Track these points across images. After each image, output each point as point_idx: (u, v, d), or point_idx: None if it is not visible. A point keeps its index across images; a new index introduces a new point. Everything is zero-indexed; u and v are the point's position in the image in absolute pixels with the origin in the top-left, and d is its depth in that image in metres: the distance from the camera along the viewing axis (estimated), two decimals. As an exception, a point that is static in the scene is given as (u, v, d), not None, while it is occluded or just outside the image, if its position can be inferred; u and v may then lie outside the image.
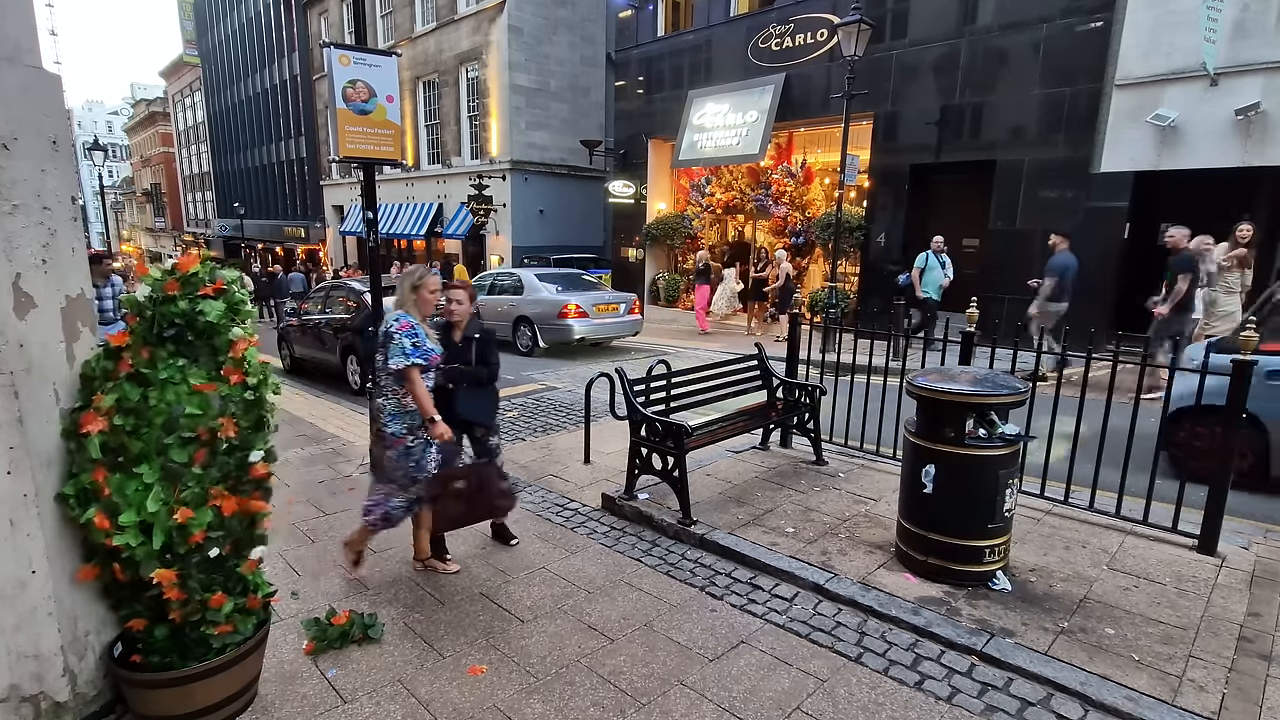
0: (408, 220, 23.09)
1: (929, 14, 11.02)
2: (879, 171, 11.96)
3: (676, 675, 2.85)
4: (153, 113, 52.12)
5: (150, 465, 2.25)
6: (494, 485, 3.50)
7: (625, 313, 11.49)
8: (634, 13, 16.09)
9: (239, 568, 2.47)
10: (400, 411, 3.42)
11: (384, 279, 5.62)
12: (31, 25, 2.29)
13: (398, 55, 5.46)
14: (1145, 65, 8.87)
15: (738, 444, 5.60)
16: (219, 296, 2.40)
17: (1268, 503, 4.60)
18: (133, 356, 2.30)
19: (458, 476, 3.46)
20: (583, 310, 10.70)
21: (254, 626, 2.56)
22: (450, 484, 3.44)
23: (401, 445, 3.43)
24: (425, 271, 3.58)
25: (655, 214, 16.01)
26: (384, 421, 3.45)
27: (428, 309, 3.56)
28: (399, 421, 3.43)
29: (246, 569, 2.51)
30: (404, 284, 3.51)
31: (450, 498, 3.42)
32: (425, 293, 3.50)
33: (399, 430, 3.42)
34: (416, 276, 3.53)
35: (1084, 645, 2.93)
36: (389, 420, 3.43)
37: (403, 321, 3.39)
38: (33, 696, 2.29)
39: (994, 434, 3.32)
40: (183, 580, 2.29)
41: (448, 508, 3.46)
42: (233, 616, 2.44)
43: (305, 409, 7.74)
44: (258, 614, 2.58)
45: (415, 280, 3.51)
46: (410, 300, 3.48)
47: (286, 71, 30.99)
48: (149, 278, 2.38)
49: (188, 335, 2.34)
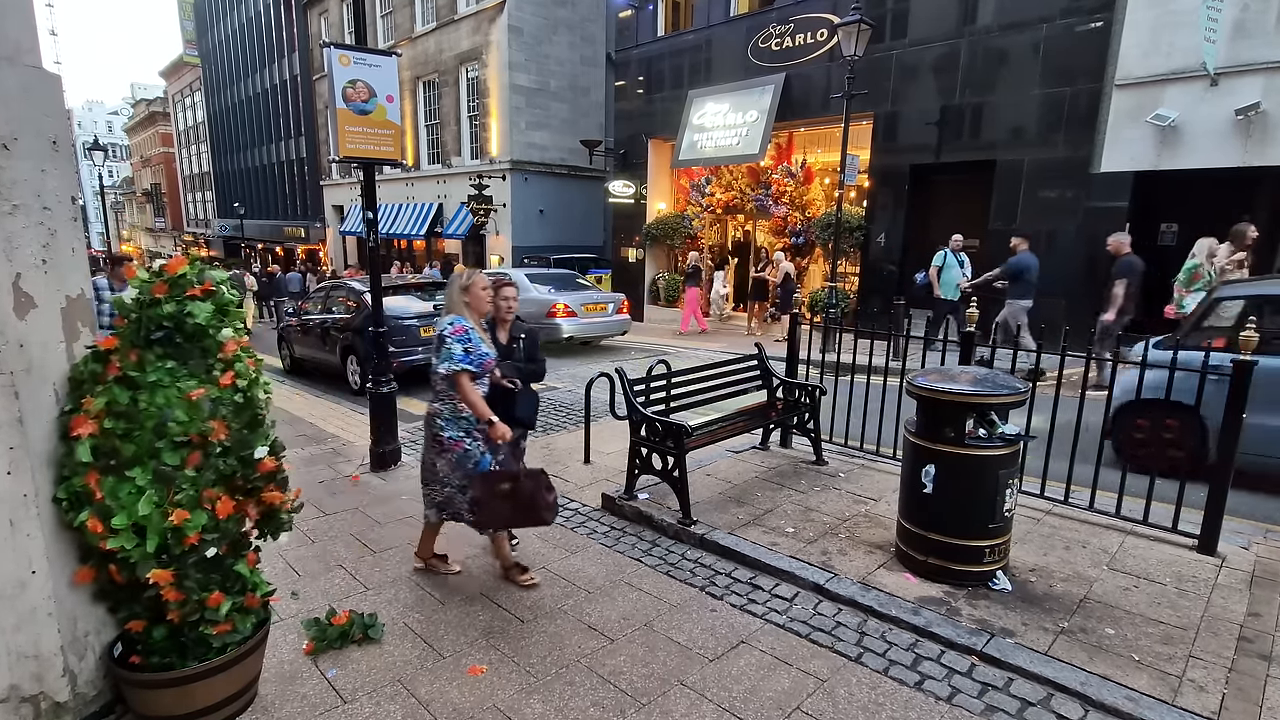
0: (408, 220, 23.09)
1: (929, 14, 11.02)
2: (879, 171, 11.96)
3: (676, 675, 2.85)
4: (153, 113, 52.12)
5: (143, 468, 2.24)
6: (543, 495, 3.35)
7: (613, 312, 11.58)
8: (634, 13, 16.09)
9: (236, 566, 2.47)
10: (456, 416, 3.38)
11: (384, 279, 5.64)
12: (31, 25, 2.29)
13: (398, 55, 5.46)
14: (1145, 65, 8.87)
15: (738, 444, 5.60)
16: (207, 298, 2.38)
17: (1268, 503, 4.61)
18: (121, 359, 2.29)
19: (509, 479, 3.34)
20: (571, 310, 10.76)
21: (253, 626, 2.55)
22: (500, 485, 3.33)
23: (460, 448, 3.39)
24: (472, 272, 3.49)
25: (655, 214, 16.01)
26: (440, 426, 3.41)
27: (483, 306, 3.48)
28: (455, 426, 3.39)
29: (247, 563, 2.51)
30: (453, 288, 3.44)
31: (497, 499, 3.32)
32: (477, 290, 3.42)
33: (456, 434, 3.38)
34: (465, 279, 3.45)
35: (1084, 645, 2.93)
36: (445, 425, 3.39)
37: (457, 325, 3.33)
38: (33, 697, 2.29)
39: (994, 434, 3.32)
40: (179, 580, 2.29)
41: (494, 509, 3.34)
42: (231, 615, 2.43)
43: (305, 409, 7.74)
44: (256, 613, 2.58)
45: (464, 283, 3.43)
46: (461, 303, 3.40)
47: (286, 71, 30.99)
48: (136, 280, 2.37)
49: (176, 338, 2.33)
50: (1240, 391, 3.43)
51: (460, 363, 3.26)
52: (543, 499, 3.33)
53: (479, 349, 3.35)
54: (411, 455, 5.80)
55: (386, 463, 5.48)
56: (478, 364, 3.32)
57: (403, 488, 5.07)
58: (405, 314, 8.73)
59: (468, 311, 3.41)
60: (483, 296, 3.46)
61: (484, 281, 3.47)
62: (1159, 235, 9.74)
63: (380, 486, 5.13)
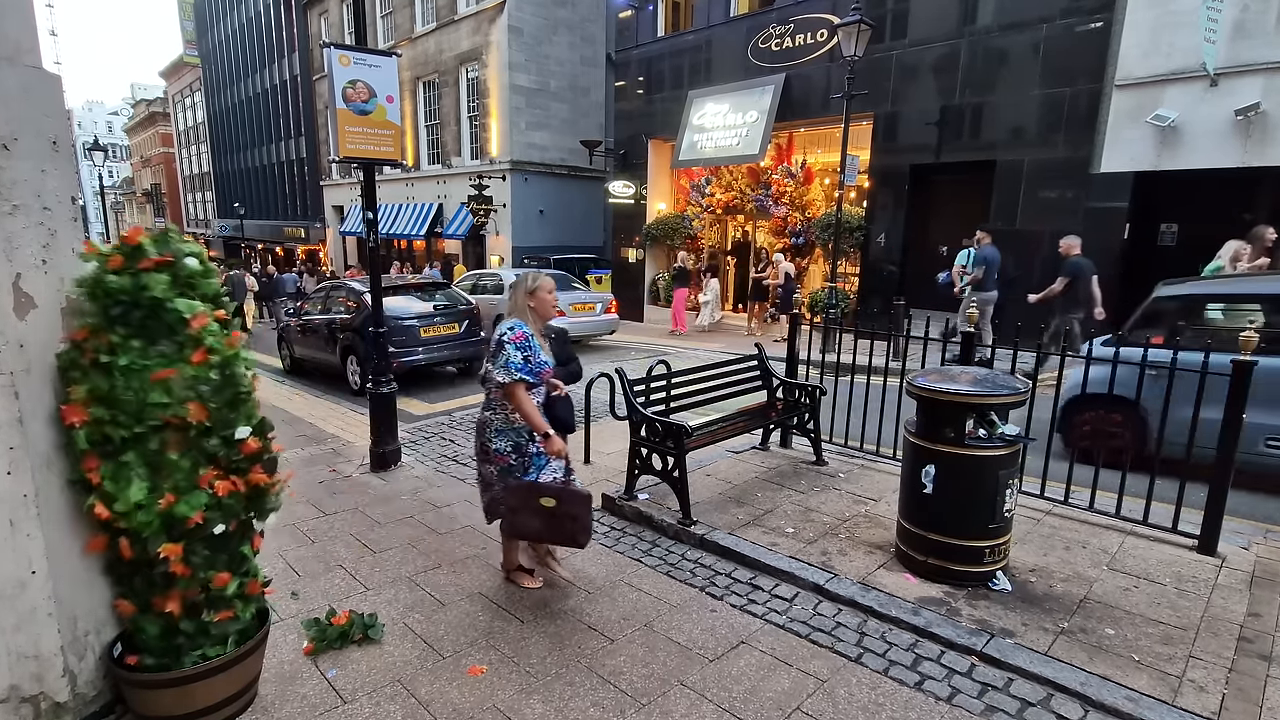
0: (408, 220, 23.10)
1: (929, 14, 11.02)
2: (879, 172, 11.96)
3: (676, 675, 2.85)
4: (153, 113, 52.12)
5: (136, 452, 2.23)
6: (585, 518, 3.15)
7: (601, 312, 11.87)
8: (634, 13, 16.09)
9: (242, 547, 2.45)
10: (508, 427, 3.22)
11: (384, 279, 5.64)
12: (31, 25, 2.29)
13: (398, 55, 5.46)
14: (1145, 65, 8.87)
15: (738, 444, 5.60)
16: (164, 269, 2.26)
17: (1268, 503, 4.61)
18: (94, 344, 2.22)
19: (554, 495, 3.13)
20: (560, 310, 10.93)
21: (252, 615, 2.54)
22: (540, 499, 3.13)
23: (504, 463, 3.25)
24: (538, 274, 3.27)
25: (655, 214, 16.01)
26: (489, 436, 3.26)
27: (549, 312, 3.26)
28: (504, 437, 3.24)
29: (252, 546, 2.50)
30: (517, 292, 3.24)
31: (531, 511, 3.13)
32: (544, 295, 3.21)
33: (504, 448, 3.24)
34: (530, 282, 3.23)
35: (1084, 645, 2.93)
36: (495, 435, 3.25)
37: (518, 331, 3.14)
38: (33, 697, 2.29)
39: (994, 434, 3.32)
40: (187, 555, 2.28)
41: (526, 520, 3.16)
42: (234, 601, 2.42)
43: (305, 409, 7.74)
44: (257, 600, 2.57)
45: (530, 286, 3.22)
46: (525, 308, 3.20)
47: (286, 72, 30.99)
48: (90, 255, 2.27)
49: (135, 314, 2.23)
50: (1240, 391, 3.43)
51: (519, 371, 3.08)
52: (582, 521, 3.15)
53: (538, 357, 3.17)
54: (411, 455, 5.81)
55: (387, 463, 5.48)
56: (535, 373, 3.15)
57: (403, 488, 5.07)
58: (405, 314, 8.74)
59: (530, 317, 3.21)
60: (549, 301, 3.25)
61: (551, 285, 3.26)
62: (1159, 235, 9.74)
63: (380, 487, 5.13)
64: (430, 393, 8.69)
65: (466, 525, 4.39)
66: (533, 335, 3.17)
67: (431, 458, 5.80)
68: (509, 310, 3.28)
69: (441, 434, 6.52)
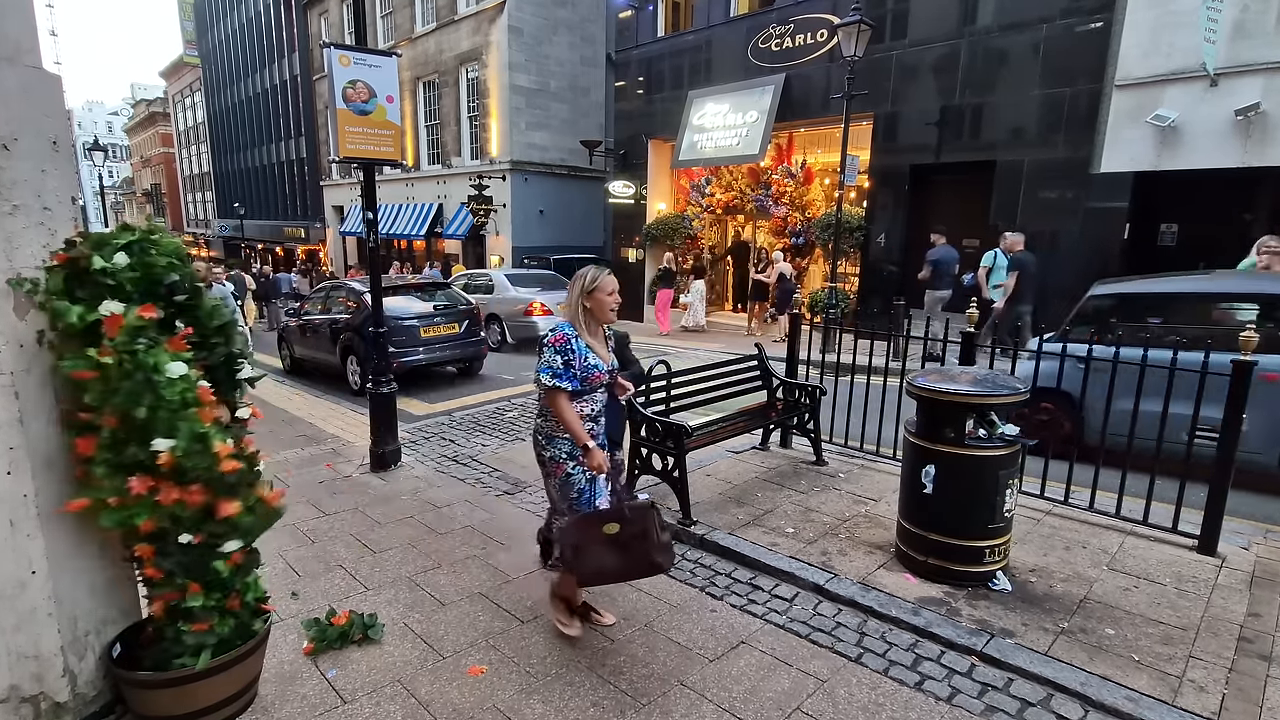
0: (408, 220, 23.10)
1: (929, 14, 11.02)
2: (879, 172, 11.96)
3: (676, 675, 2.85)
4: (153, 113, 52.15)
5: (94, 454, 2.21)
6: (654, 534, 2.76)
7: None
8: (634, 13, 16.08)
9: (215, 563, 2.33)
10: (555, 435, 2.94)
11: (384, 279, 5.65)
12: (31, 25, 2.29)
13: (398, 55, 5.46)
14: (1145, 65, 8.87)
15: (738, 444, 5.60)
16: (63, 268, 2.18)
17: (1268, 503, 4.61)
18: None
19: (613, 518, 2.78)
20: (547, 309, 11.21)
21: (232, 629, 2.44)
22: (602, 528, 2.76)
23: (562, 473, 2.95)
24: (600, 272, 2.93)
25: (655, 214, 16.01)
26: (541, 444, 2.99)
27: (605, 317, 2.94)
28: (555, 446, 2.94)
29: (228, 563, 2.37)
30: (573, 290, 2.92)
31: (600, 545, 2.75)
32: (601, 296, 2.88)
33: (558, 455, 2.94)
34: (588, 281, 2.89)
35: (1084, 646, 2.93)
36: (546, 443, 2.97)
37: (558, 334, 2.85)
38: (32, 697, 2.29)
39: (994, 434, 3.32)
40: (159, 557, 2.26)
41: (596, 559, 2.75)
42: (210, 614, 2.35)
43: (305, 409, 7.74)
44: (238, 615, 2.46)
45: (587, 285, 2.89)
46: (579, 309, 2.90)
47: (286, 72, 31.00)
48: None
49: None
50: (1240, 391, 3.43)
51: (559, 379, 2.80)
52: (654, 537, 2.76)
53: (584, 360, 2.84)
54: (411, 455, 5.81)
55: (386, 463, 5.48)
56: (582, 378, 2.84)
57: (403, 488, 5.07)
58: (405, 314, 8.74)
59: (584, 319, 2.91)
60: (607, 303, 2.90)
61: (613, 285, 2.91)
62: (1159, 235, 9.74)
63: (380, 487, 5.13)
64: (430, 393, 8.69)
65: (466, 525, 4.39)
66: (577, 337, 2.86)
67: (431, 458, 5.80)
68: (564, 309, 3.02)
69: (441, 434, 6.52)
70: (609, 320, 2.99)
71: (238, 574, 2.43)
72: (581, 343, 2.87)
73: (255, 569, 2.53)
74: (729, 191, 14.95)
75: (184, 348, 2.27)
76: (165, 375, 2.15)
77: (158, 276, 2.28)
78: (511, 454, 5.85)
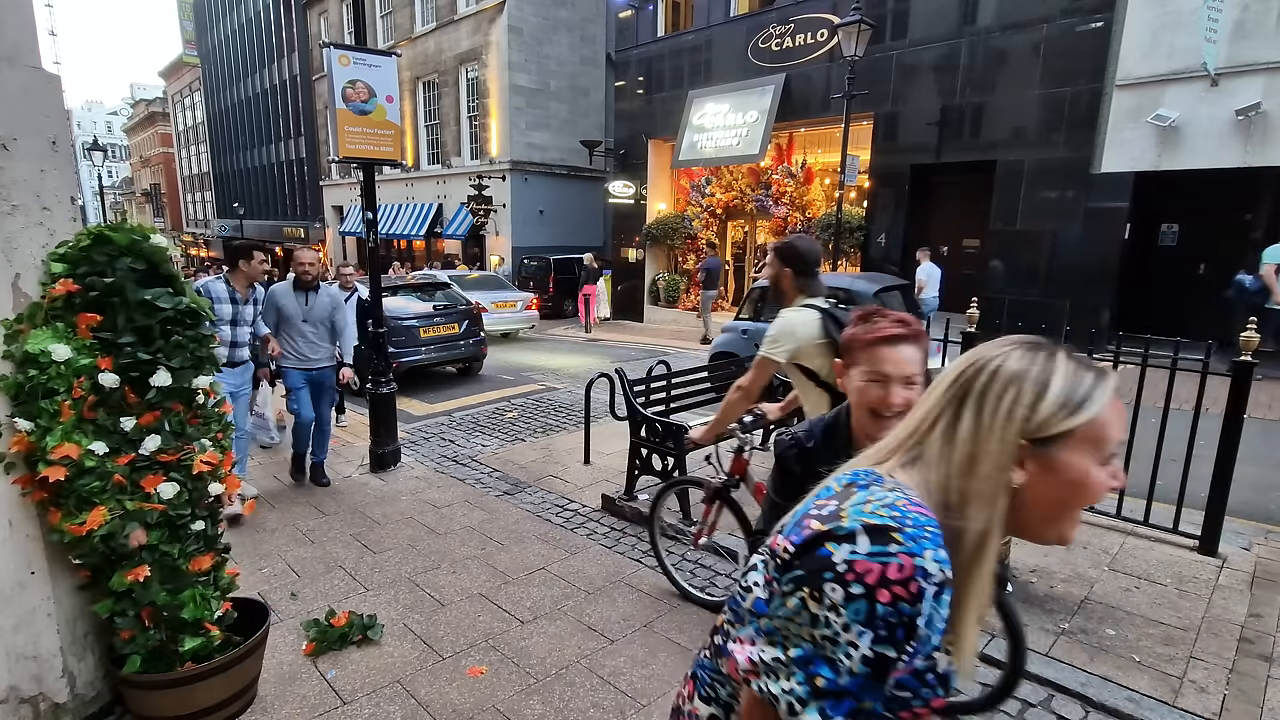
0: (407, 220, 23.08)
1: (929, 14, 11.02)
2: (879, 172, 11.95)
3: (677, 676, 2.85)
4: (152, 113, 52.09)
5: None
6: None
7: (522, 309, 13.46)
8: (634, 13, 16.07)
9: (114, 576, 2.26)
10: None
11: (383, 279, 5.64)
12: (31, 25, 2.29)
13: (397, 55, 5.46)
14: (1146, 65, 8.87)
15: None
16: None
17: (1269, 503, 4.60)
18: None
19: None
20: (482, 307, 11.39)
21: (202, 645, 2.40)
22: None
23: None
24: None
25: (655, 214, 16.00)
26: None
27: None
28: None
29: (194, 566, 2.34)
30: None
31: None
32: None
33: None
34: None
35: (1085, 646, 2.92)
36: None
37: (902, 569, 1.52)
38: (32, 698, 2.29)
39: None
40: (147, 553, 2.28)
41: None
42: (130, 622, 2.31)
43: (305, 409, 7.72)
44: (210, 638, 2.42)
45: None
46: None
47: (286, 72, 30.97)
48: None
49: None
50: (1241, 391, 3.43)
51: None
52: None
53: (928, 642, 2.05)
54: (411, 456, 5.80)
55: (386, 463, 5.48)
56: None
57: (402, 488, 5.07)
58: (405, 314, 8.74)
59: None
60: None
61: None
62: (1159, 235, 9.74)
63: (380, 487, 5.13)
64: (430, 393, 8.68)
65: (466, 525, 4.39)
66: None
67: (431, 458, 5.79)
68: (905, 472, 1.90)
69: (441, 434, 6.52)
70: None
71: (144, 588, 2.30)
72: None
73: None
74: (729, 191, 14.95)
75: (86, 335, 2.20)
76: (50, 357, 2.10)
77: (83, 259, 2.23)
78: (511, 454, 5.84)
